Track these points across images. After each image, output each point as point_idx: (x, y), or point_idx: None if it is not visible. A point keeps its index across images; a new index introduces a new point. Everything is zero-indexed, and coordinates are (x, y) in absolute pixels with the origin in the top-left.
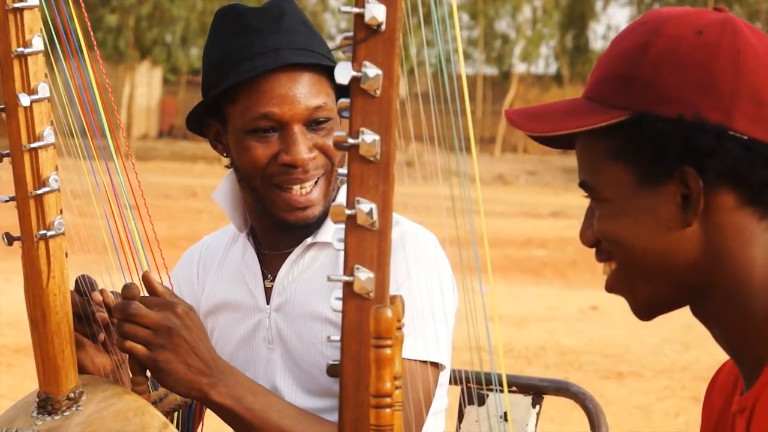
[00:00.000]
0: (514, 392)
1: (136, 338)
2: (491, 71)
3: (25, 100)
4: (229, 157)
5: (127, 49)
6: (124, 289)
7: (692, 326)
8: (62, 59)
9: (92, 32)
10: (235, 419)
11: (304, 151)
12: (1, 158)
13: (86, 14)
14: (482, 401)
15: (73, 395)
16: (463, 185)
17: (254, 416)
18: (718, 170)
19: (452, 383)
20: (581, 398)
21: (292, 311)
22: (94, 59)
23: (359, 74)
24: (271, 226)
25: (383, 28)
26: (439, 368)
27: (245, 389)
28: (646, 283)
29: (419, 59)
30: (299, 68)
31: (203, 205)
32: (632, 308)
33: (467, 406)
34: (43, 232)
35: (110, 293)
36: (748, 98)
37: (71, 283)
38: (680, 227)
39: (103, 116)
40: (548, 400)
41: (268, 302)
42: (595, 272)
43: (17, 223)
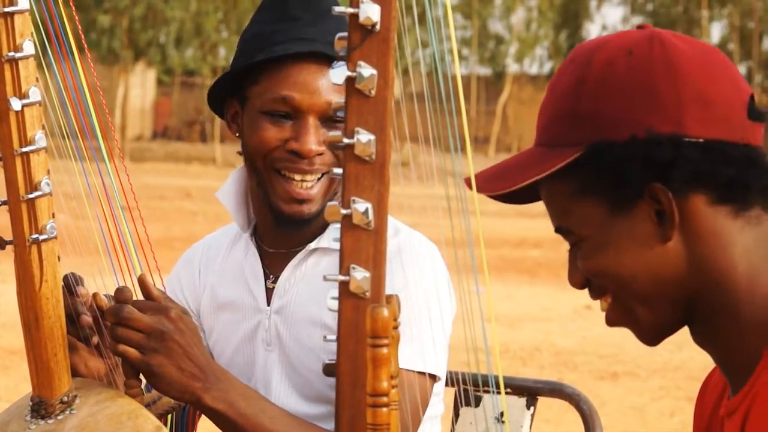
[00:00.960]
0: (508, 394)
1: (129, 342)
2: (485, 71)
3: (16, 104)
4: (241, 138)
5: (120, 50)
6: (117, 292)
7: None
8: (53, 62)
9: (86, 33)
10: (227, 424)
11: (313, 142)
12: None
13: (77, 15)
14: (477, 402)
15: (66, 399)
16: (458, 185)
17: (247, 421)
18: (683, 178)
19: (447, 385)
20: (575, 399)
21: (291, 315)
22: (84, 61)
23: (354, 74)
24: (273, 222)
25: (378, 28)
26: (435, 379)
27: (238, 394)
28: (643, 307)
29: (414, 59)
30: (327, 61)
31: (198, 206)
32: (638, 336)
33: (462, 407)
34: (35, 236)
35: (103, 296)
36: (693, 102)
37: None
38: (661, 243)
39: (94, 118)
40: (543, 401)
41: (268, 303)
42: None
43: (9, 225)
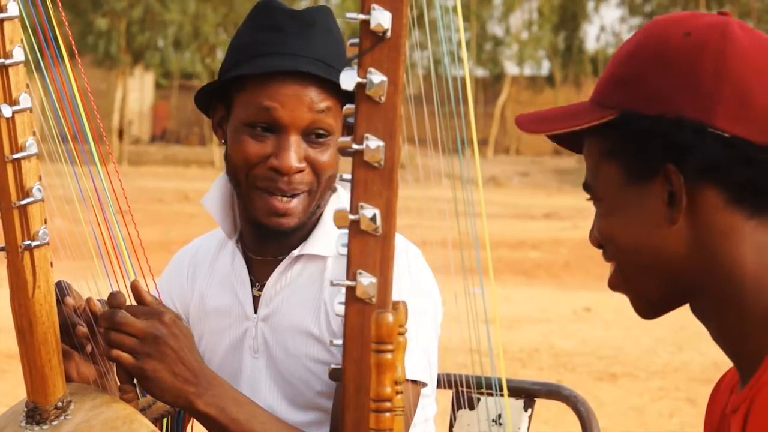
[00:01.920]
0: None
1: (122, 346)
2: (483, 73)
3: (6, 111)
4: (225, 145)
5: (118, 53)
6: (110, 297)
7: (686, 327)
8: (42, 66)
9: (83, 37)
10: (219, 429)
11: (294, 158)
12: None
13: (73, 19)
14: (475, 405)
15: (61, 404)
16: (458, 187)
17: (238, 427)
18: (698, 166)
19: (444, 387)
20: (573, 401)
21: (278, 322)
22: (75, 65)
23: (364, 80)
24: (255, 232)
25: (389, 35)
26: (420, 385)
27: (231, 399)
28: (642, 279)
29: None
30: (311, 78)
31: (196, 209)
32: (633, 306)
33: (459, 409)
34: (27, 242)
35: (97, 301)
36: (731, 97)
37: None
38: (668, 224)
39: (85, 122)
40: (542, 402)
41: (255, 311)
42: (588, 274)
43: (1, 233)
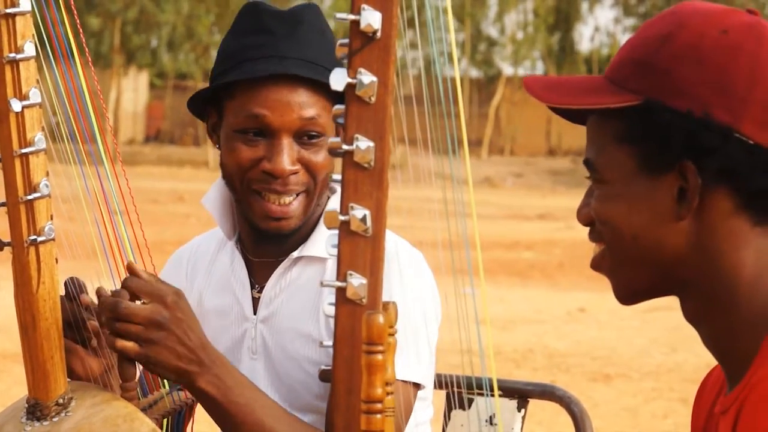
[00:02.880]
0: (499, 396)
1: (127, 335)
2: (478, 74)
3: (16, 105)
4: (220, 150)
5: (111, 53)
6: (113, 293)
7: (679, 328)
8: (53, 64)
9: (76, 37)
10: (219, 410)
11: (286, 162)
12: None
13: (70, 19)
14: (469, 405)
15: (62, 401)
16: (451, 187)
17: (238, 410)
18: (717, 170)
19: (438, 387)
20: (566, 402)
21: (277, 324)
22: (85, 64)
23: (354, 81)
24: (254, 234)
25: (379, 35)
26: (418, 387)
27: (233, 381)
28: (630, 269)
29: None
30: (300, 79)
31: (190, 209)
32: (614, 291)
33: (453, 410)
34: (33, 237)
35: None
36: (761, 105)
37: (61, 287)
38: (673, 220)
39: (94, 120)
40: (536, 403)
41: (255, 312)
42: (582, 274)
43: (7, 228)
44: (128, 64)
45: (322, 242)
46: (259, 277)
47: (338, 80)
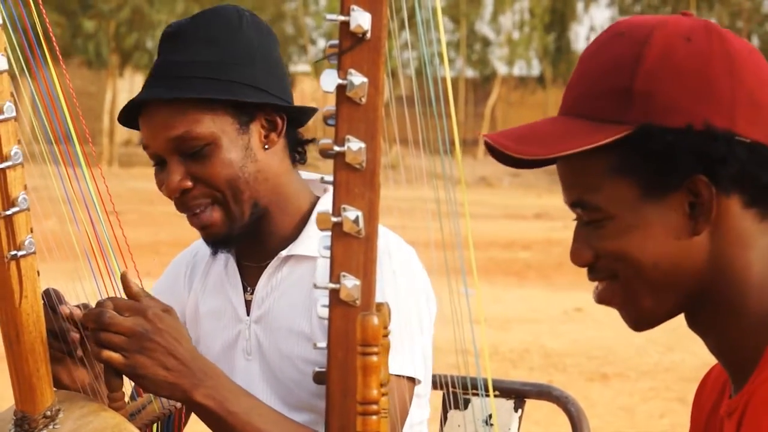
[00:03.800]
0: (496, 396)
1: (111, 345)
2: (473, 74)
3: None
4: None
5: (107, 55)
6: (98, 303)
7: (676, 327)
8: (31, 69)
9: (72, 39)
10: (217, 422)
11: (172, 183)
12: None
13: (53, 21)
14: (465, 405)
15: (49, 413)
16: (447, 188)
17: (236, 420)
18: (730, 176)
19: (435, 387)
20: (563, 402)
21: (270, 324)
22: (61, 67)
23: (345, 82)
24: None
25: (368, 36)
26: (414, 382)
27: (228, 390)
28: (650, 297)
29: (403, 62)
30: (158, 101)
31: None
32: (630, 320)
33: (450, 410)
34: (14, 252)
35: (78, 307)
36: (745, 102)
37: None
38: (688, 236)
39: (70, 124)
40: (533, 403)
41: (248, 314)
42: (579, 274)
43: None
44: (124, 65)
45: (310, 240)
46: (251, 279)
47: (329, 81)
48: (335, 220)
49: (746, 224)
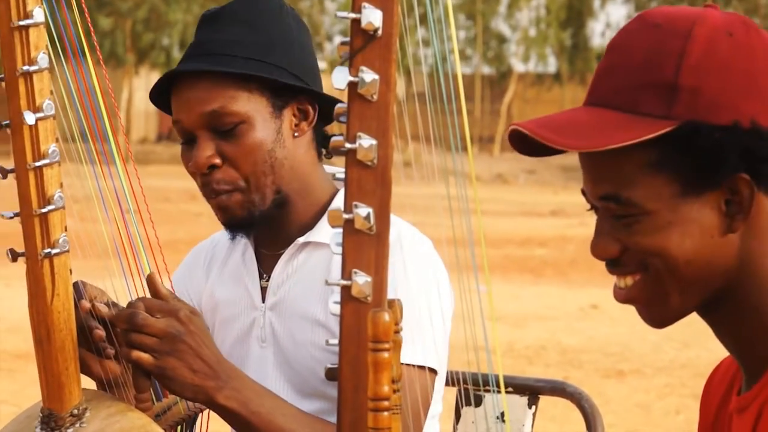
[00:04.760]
0: (510, 393)
1: (142, 347)
2: (489, 71)
3: (30, 118)
4: None
5: (124, 53)
6: (129, 304)
7: (692, 324)
8: (64, 63)
9: (87, 36)
10: (241, 423)
11: (201, 158)
12: (5, 174)
13: (82, 19)
14: (479, 402)
15: (77, 411)
16: (461, 185)
17: (260, 420)
18: None
19: (449, 384)
20: (577, 398)
21: (285, 310)
22: (96, 63)
23: (356, 79)
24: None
25: (380, 33)
26: (435, 373)
27: (251, 392)
28: (679, 294)
29: (416, 59)
30: (197, 75)
31: (202, 208)
32: (654, 318)
33: (464, 407)
34: (47, 250)
35: (103, 305)
36: None
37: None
38: (723, 234)
39: (106, 120)
40: (548, 400)
41: (263, 301)
42: (594, 271)
43: (19, 235)
44: (140, 63)
45: (328, 228)
46: (268, 267)
47: (340, 79)
48: (347, 216)
49: None
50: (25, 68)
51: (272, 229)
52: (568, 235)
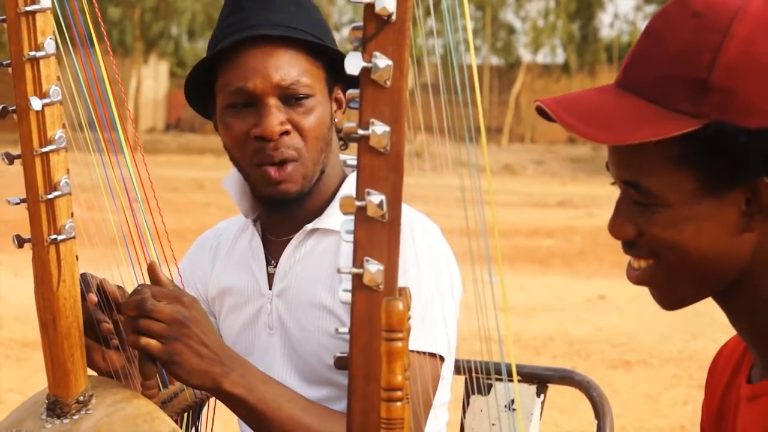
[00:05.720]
0: (518, 381)
1: (150, 333)
2: (498, 61)
3: (36, 104)
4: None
5: (132, 42)
6: (134, 291)
7: (699, 314)
8: (72, 52)
9: (96, 25)
10: (246, 409)
11: (274, 123)
12: (12, 160)
13: (90, 8)
14: (488, 390)
15: (82, 398)
16: (472, 175)
17: (266, 406)
18: None
19: (458, 373)
20: (585, 387)
21: (292, 297)
22: (104, 52)
23: (369, 65)
24: (267, 209)
25: (394, 18)
26: (443, 360)
27: (257, 378)
28: (690, 286)
29: (427, 49)
30: (274, 43)
31: (210, 197)
32: (664, 302)
33: (472, 395)
34: (54, 236)
35: (115, 286)
36: None
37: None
38: (740, 233)
39: (114, 109)
40: (557, 389)
41: (270, 288)
42: (602, 261)
43: (25, 221)
44: (148, 52)
45: (336, 215)
46: (275, 253)
47: (353, 64)
48: (359, 204)
49: None
50: (31, 54)
51: (283, 214)
52: (575, 225)
